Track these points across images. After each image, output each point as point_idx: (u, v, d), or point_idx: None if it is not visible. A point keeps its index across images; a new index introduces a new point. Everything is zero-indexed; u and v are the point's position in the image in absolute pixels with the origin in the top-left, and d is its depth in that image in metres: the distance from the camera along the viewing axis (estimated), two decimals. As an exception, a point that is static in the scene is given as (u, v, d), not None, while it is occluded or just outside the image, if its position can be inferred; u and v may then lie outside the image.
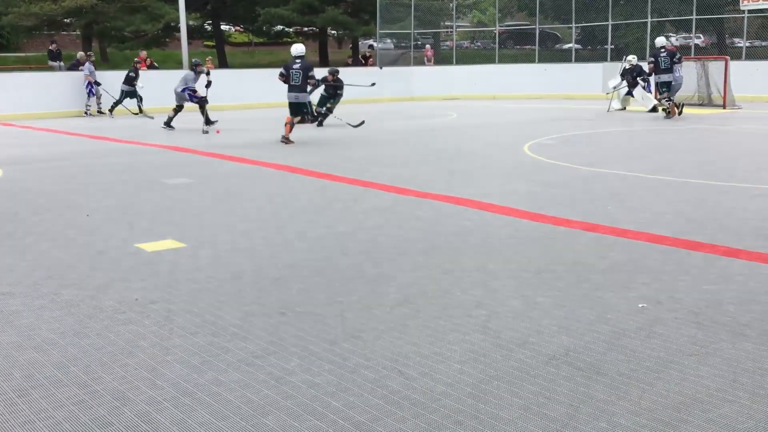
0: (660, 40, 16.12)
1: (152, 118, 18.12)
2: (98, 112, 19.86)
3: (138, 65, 20.17)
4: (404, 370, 3.17)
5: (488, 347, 3.41)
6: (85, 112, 19.80)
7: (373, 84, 16.59)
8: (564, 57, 27.30)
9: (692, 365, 3.17)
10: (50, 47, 25.33)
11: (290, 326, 3.74)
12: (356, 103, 22.16)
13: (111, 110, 19.63)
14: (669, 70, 15.56)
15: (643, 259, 4.86)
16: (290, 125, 12.32)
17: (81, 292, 4.37)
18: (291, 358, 3.33)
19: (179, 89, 15.58)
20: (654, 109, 17.18)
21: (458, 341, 3.50)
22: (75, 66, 21.45)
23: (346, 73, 17.13)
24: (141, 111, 19.59)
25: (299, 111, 12.40)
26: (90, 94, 19.68)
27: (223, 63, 32.28)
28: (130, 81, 19.56)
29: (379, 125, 14.83)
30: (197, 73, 15.58)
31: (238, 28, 40.63)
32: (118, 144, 12.88)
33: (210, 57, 21.77)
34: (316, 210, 6.77)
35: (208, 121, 15.41)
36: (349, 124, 14.52)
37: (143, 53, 23.58)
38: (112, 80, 20.07)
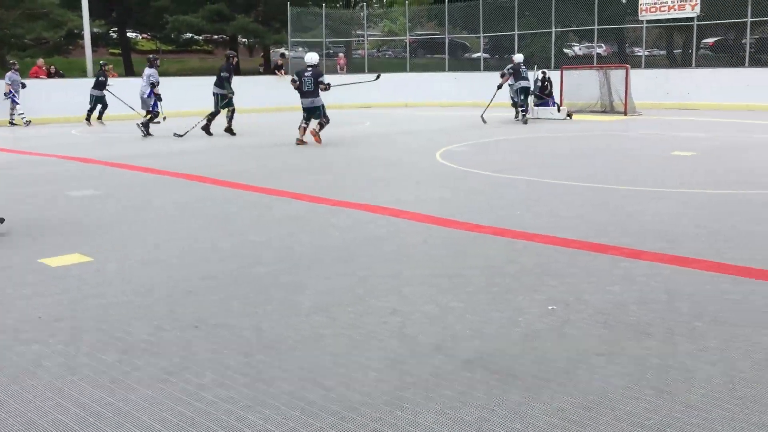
0: (519, 56, 18.32)
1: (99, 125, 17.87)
2: (10, 123, 19.12)
3: (106, 68, 19.56)
4: (321, 381, 3.15)
5: (404, 354, 3.43)
6: (11, 122, 19.14)
7: (378, 77, 16.33)
8: (473, 66, 27.83)
9: (601, 364, 3.27)
10: (-55, 55, 24.19)
11: (204, 340, 3.66)
12: (281, 111, 22.05)
13: (88, 118, 19.15)
14: (527, 78, 17.97)
15: (551, 263, 4.99)
16: (303, 129, 13.33)
17: (-20, 311, 4.17)
18: (205, 372, 3.26)
19: (145, 94, 15.24)
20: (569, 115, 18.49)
21: (374, 348, 3.50)
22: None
23: (261, 81, 16.95)
24: (98, 118, 19.17)
25: (314, 115, 13.33)
26: (14, 102, 18.95)
27: (129, 71, 31.51)
28: (100, 86, 19.06)
29: (292, 133, 14.73)
30: (156, 67, 15.46)
31: (145, 35, 39.72)
32: (24, 156, 12.37)
33: (111, 65, 21.10)
34: (228, 219, 6.67)
35: (147, 126, 15.12)
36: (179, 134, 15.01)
37: (40, 61, 22.81)
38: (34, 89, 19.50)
